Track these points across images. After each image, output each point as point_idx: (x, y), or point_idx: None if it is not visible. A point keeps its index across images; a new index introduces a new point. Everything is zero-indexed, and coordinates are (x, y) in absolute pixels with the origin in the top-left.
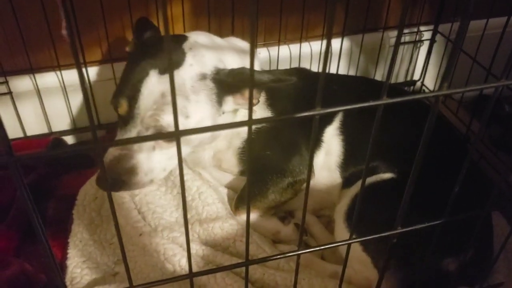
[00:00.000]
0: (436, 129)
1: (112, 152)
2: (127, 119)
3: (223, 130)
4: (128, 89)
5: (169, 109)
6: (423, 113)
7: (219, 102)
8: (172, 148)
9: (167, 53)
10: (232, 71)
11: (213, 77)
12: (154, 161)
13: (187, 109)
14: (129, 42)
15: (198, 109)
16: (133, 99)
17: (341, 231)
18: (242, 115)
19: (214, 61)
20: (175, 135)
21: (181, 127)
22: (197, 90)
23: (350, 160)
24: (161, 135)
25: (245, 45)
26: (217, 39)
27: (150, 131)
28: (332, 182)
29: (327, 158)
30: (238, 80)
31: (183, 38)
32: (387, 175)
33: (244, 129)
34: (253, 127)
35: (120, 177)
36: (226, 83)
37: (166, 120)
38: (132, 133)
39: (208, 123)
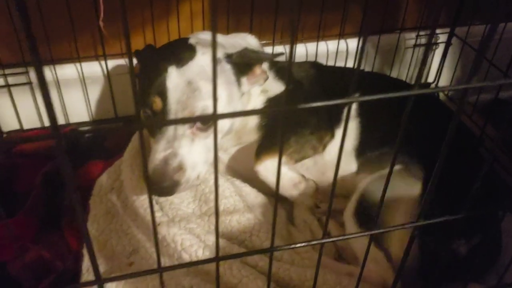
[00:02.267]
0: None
1: (157, 156)
2: (161, 116)
3: None
4: (154, 88)
5: (199, 95)
6: (438, 111)
7: (238, 83)
8: (209, 138)
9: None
10: (240, 53)
11: (226, 61)
12: (196, 153)
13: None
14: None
15: (223, 90)
16: (162, 94)
17: (351, 228)
18: (256, 94)
19: (221, 48)
20: (213, 119)
21: (208, 110)
22: (218, 73)
23: (366, 144)
24: (199, 118)
25: (249, 38)
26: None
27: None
28: (347, 166)
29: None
30: (248, 59)
31: (185, 39)
32: (397, 167)
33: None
34: None
35: (173, 178)
36: (238, 64)
37: (200, 106)
38: (170, 128)
39: (234, 104)
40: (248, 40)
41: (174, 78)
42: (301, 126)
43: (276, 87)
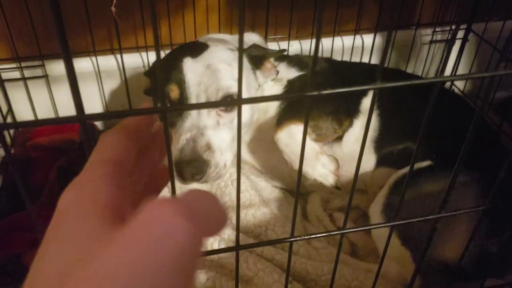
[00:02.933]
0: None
1: (182, 137)
2: (180, 104)
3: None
4: (171, 77)
5: (220, 75)
6: (459, 106)
7: (254, 74)
8: (233, 122)
9: None
10: (252, 46)
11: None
12: (222, 136)
13: (233, 74)
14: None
15: (244, 77)
16: (180, 81)
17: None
18: (269, 87)
19: (231, 43)
20: (238, 104)
21: (231, 90)
22: (232, 59)
23: (385, 137)
24: (224, 103)
25: (253, 36)
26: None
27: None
28: (365, 158)
29: (363, 131)
30: (261, 53)
31: (194, 42)
32: (425, 163)
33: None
34: None
35: (202, 157)
36: (252, 57)
37: (223, 85)
38: (193, 112)
39: (252, 93)
40: (252, 38)
41: (191, 65)
42: (322, 107)
43: (290, 73)
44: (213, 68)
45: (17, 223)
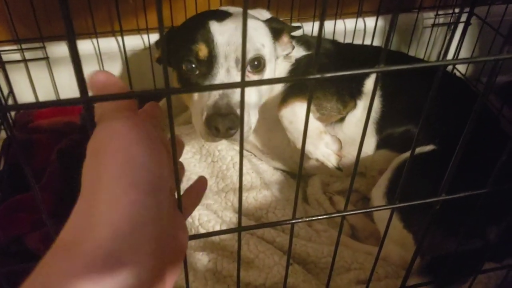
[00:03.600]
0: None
1: (213, 93)
2: (208, 63)
3: None
4: (197, 37)
5: (249, 36)
6: (460, 87)
7: (274, 44)
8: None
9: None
10: (270, 19)
11: (260, 20)
12: (249, 98)
13: (259, 39)
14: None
15: (267, 41)
16: (209, 40)
17: (381, 210)
18: (280, 61)
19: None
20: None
21: (258, 52)
22: (257, 26)
23: (386, 119)
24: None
25: (265, 13)
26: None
27: (238, 63)
28: (366, 140)
29: (365, 113)
30: (279, 26)
31: (209, 10)
32: (428, 147)
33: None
34: None
35: (236, 112)
36: (272, 29)
37: (253, 46)
38: (221, 72)
39: (273, 62)
40: (264, 15)
41: (218, 26)
42: (327, 87)
43: (297, 52)
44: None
45: (19, 205)
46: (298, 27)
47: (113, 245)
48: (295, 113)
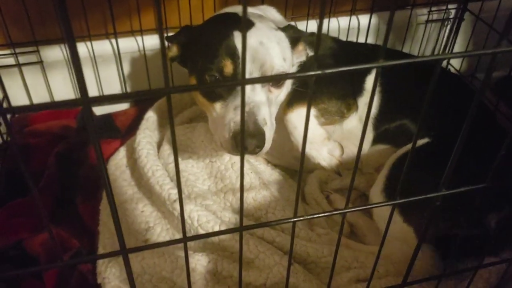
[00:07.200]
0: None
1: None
2: (233, 79)
3: None
4: (221, 51)
5: (273, 53)
6: (455, 83)
7: (291, 52)
8: (278, 98)
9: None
10: (287, 27)
11: (282, 31)
12: (270, 112)
13: (284, 53)
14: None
15: (288, 53)
16: (234, 56)
17: (380, 207)
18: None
19: (267, 21)
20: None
21: (282, 69)
22: (279, 38)
23: (385, 114)
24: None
25: (274, 12)
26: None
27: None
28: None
29: (365, 109)
30: (296, 34)
31: (227, 13)
32: (424, 140)
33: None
34: None
35: (263, 130)
36: (290, 38)
37: (277, 63)
38: (247, 87)
39: (290, 69)
40: (273, 14)
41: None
42: (331, 91)
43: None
44: (267, 46)
45: (17, 209)
46: (313, 33)
47: None
48: (300, 118)
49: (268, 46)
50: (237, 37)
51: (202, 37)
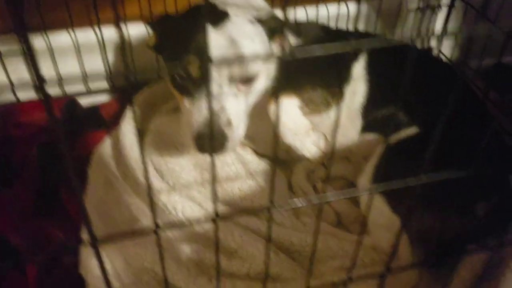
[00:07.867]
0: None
1: (204, 110)
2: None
3: None
4: (190, 47)
5: (247, 51)
6: (445, 71)
7: (269, 46)
8: (249, 96)
9: None
10: (269, 18)
11: (259, 23)
12: (238, 108)
13: (254, 49)
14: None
15: (261, 47)
16: (202, 54)
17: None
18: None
19: (245, 9)
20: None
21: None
22: (253, 34)
23: (373, 103)
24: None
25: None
26: None
27: (232, 80)
28: (351, 123)
29: (352, 97)
30: (274, 26)
31: (207, 2)
32: (411, 130)
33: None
34: None
35: (224, 132)
36: (269, 29)
37: (248, 66)
38: (214, 87)
39: (269, 64)
40: (259, 3)
41: (213, 36)
42: (315, 81)
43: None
44: (238, 45)
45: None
46: (299, 24)
47: None
48: (283, 109)
49: (240, 44)
50: (210, 34)
51: (175, 30)
